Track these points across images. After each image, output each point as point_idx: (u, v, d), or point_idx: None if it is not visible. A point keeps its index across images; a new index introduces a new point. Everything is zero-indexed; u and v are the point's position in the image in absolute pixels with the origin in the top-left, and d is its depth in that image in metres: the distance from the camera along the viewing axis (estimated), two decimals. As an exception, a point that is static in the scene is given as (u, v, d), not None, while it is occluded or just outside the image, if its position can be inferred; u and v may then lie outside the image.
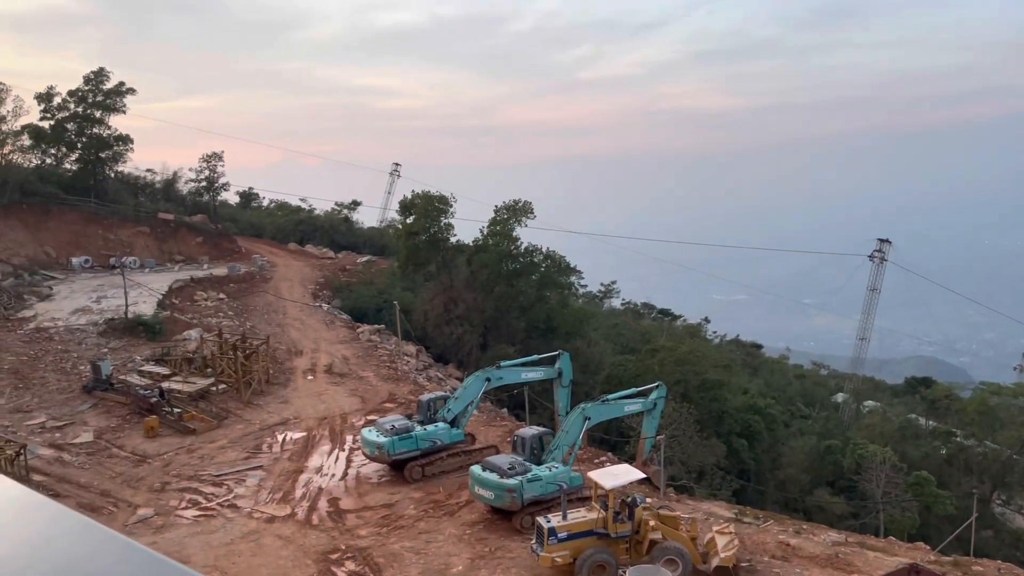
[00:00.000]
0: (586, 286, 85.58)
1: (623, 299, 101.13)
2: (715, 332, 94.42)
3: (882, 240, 79.36)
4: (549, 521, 23.47)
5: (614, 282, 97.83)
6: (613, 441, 45.09)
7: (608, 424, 39.03)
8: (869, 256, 78.70)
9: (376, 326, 59.77)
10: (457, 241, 64.63)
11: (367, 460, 32.98)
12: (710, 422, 48.93)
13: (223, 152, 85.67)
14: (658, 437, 33.65)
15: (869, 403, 76.03)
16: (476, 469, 28.07)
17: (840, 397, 79.73)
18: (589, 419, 29.40)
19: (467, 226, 64.84)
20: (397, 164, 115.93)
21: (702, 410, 47.96)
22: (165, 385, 41.64)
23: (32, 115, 72.35)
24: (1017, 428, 55.35)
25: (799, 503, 50.48)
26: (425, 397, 34.84)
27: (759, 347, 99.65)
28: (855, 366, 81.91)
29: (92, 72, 76.34)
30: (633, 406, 32.05)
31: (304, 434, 37.59)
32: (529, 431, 29.89)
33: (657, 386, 32.94)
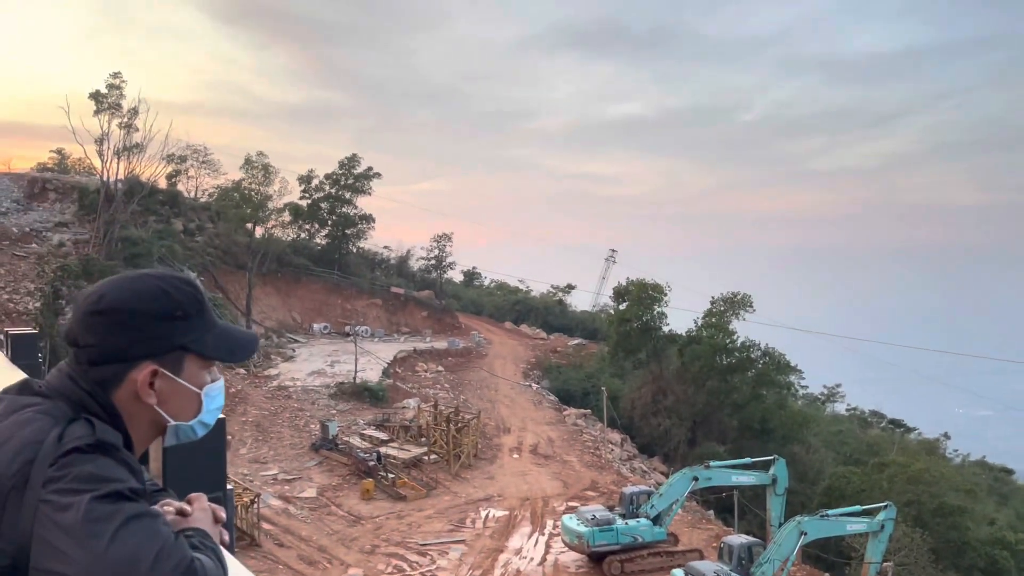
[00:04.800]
0: (807, 387, 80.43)
1: (848, 404, 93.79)
2: (956, 450, 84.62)
3: None
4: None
5: (839, 385, 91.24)
6: (831, 561, 41.21)
7: (826, 542, 35.89)
8: None
9: (583, 410, 59.77)
10: (670, 330, 63.68)
11: (566, 548, 32.58)
12: (948, 553, 43.46)
13: (452, 233, 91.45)
14: (885, 564, 30.43)
15: None
16: (678, 573, 26.82)
17: (1115, 542, 67.84)
18: (805, 534, 27.24)
19: (682, 316, 63.82)
20: (613, 250, 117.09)
21: (938, 538, 42.76)
22: (383, 450, 43.93)
23: (294, 194, 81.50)
24: None
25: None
26: (628, 490, 34.08)
27: (1010, 472, 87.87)
28: None
29: (346, 157, 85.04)
30: (857, 525, 29.34)
31: (506, 513, 37.94)
32: (738, 539, 28.20)
33: (886, 506, 29.97)
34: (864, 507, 30.18)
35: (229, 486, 3.13)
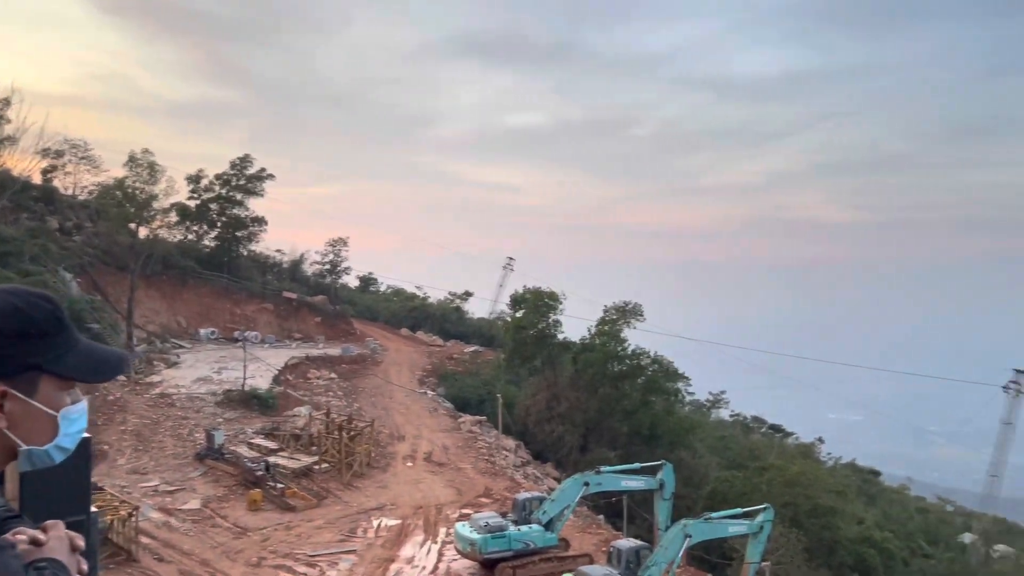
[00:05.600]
0: (693, 393, 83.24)
1: (732, 410, 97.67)
2: (829, 453, 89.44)
3: (1019, 371, 74.06)
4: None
5: (723, 392, 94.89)
6: (714, 562, 42.77)
7: (709, 543, 37.21)
8: (1004, 387, 73.48)
9: (478, 417, 59.89)
10: (564, 338, 64.70)
11: (459, 556, 32.54)
12: (821, 551, 45.85)
13: (348, 238, 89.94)
14: (763, 563, 31.81)
15: (1000, 547, 69.43)
16: (569, 578, 27.20)
17: (968, 538, 73.22)
18: (690, 537, 28.19)
19: (576, 324, 64.95)
20: (511, 258, 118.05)
21: (812, 538, 45.07)
22: (272, 459, 42.75)
23: (182, 194, 78.32)
24: None
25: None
26: (521, 496, 34.35)
27: (877, 474, 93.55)
28: (985, 504, 75.46)
29: (238, 158, 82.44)
30: (738, 527, 30.57)
31: (399, 522, 37.57)
32: (626, 543, 28.88)
33: (765, 508, 31.37)
34: (745, 509, 31.46)
35: (94, 509, 2.99)
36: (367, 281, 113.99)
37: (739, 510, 31.28)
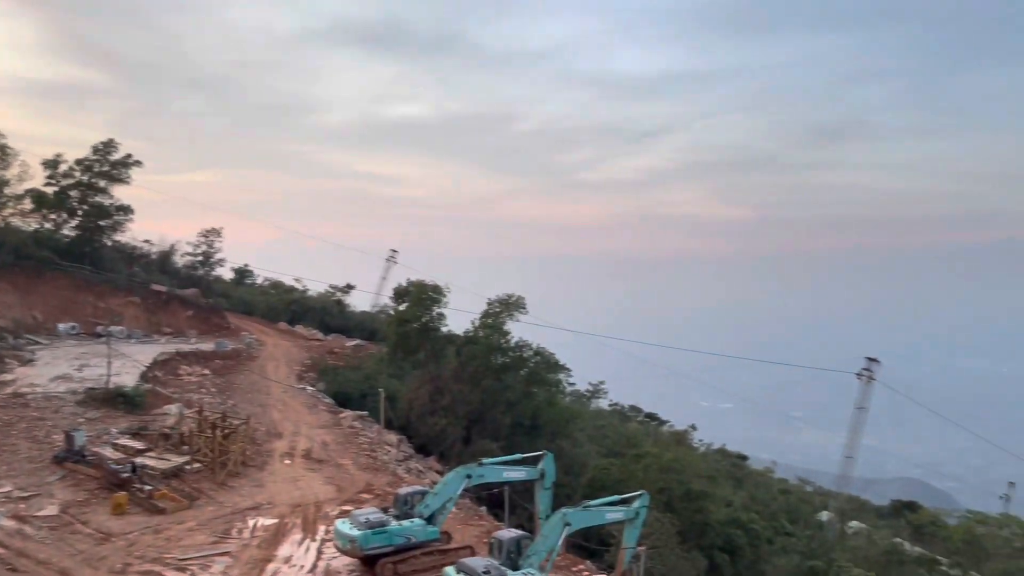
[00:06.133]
0: (574, 384, 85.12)
1: (611, 400, 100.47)
2: (701, 440, 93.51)
3: (871, 359, 79.59)
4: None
5: (602, 382, 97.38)
6: (592, 549, 43.86)
7: (588, 530, 38.10)
8: (857, 374, 78.76)
9: (359, 412, 59.02)
10: (448, 331, 64.60)
11: (339, 553, 31.96)
12: (692, 534, 47.84)
13: (222, 228, 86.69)
14: (639, 548, 32.79)
15: (854, 524, 74.62)
16: (450, 571, 27.21)
17: (825, 515, 78.27)
18: (570, 525, 28.71)
19: (460, 317, 64.98)
20: (394, 251, 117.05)
21: (685, 521, 46.98)
22: (139, 460, 40.68)
23: (38, 180, 73.20)
24: (1003, 560, 54.28)
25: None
26: (403, 491, 34.04)
27: (744, 458, 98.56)
28: (841, 484, 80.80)
29: (101, 142, 77.80)
30: (615, 514, 31.36)
31: (276, 521, 36.52)
32: (507, 534, 29.11)
33: (640, 495, 32.33)
34: (622, 496, 32.32)
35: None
36: (243, 273, 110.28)
37: (616, 497, 32.06)
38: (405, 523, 31.83)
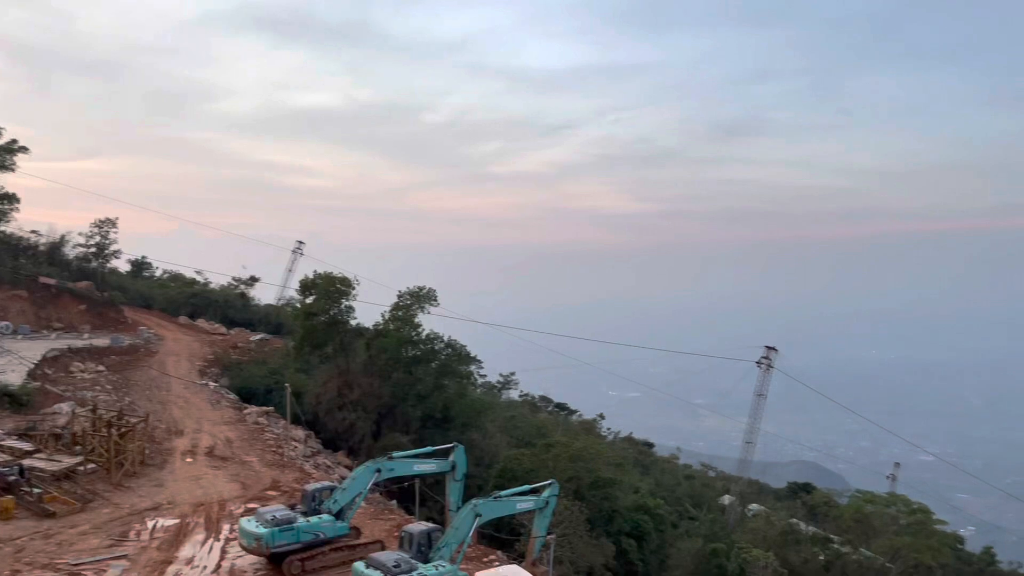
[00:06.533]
0: (485, 376, 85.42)
1: (521, 391, 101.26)
2: (609, 428, 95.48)
3: (769, 347, 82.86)
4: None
5: (512, 373, 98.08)
6: (503, 539, 44.18)
7: (499, 521, 38.34)
8: (756, 362, 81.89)
9: (265, 408, 57.64)
10: (358, 324, 63.70)
11: (244, 552, 31.13)
12: (601, 521, 48.79)
13: (117, 219, 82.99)
14: (549, 536, 33.24)
15: (754, 506, 77.72)
16: (359, 566, 26.88)
17: (727, 499, 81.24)
18: (480, 516, 28.80)
19: (369, 309, 64.16)
20: (301, 242, 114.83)
21: (593, 508, 47.84)
22: (26, 462, 38.54)
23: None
24: (890, 536, 57.48)
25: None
26: (310, 487, 33.43)
27: (651, 445, 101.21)
28: (741, 469, 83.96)
29: (-17, 126, 73.16)
30: (525, 504, 31.66)
31: (177, 521, 35.29)
32: (417, 527, 28.96)
33: (550, 484, 32.74)
34: (532, 486, 32.65)
35: None
36: (140, 265, 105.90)
37: (527, 487, 32.38)
38: (313, 519, 31.27)
